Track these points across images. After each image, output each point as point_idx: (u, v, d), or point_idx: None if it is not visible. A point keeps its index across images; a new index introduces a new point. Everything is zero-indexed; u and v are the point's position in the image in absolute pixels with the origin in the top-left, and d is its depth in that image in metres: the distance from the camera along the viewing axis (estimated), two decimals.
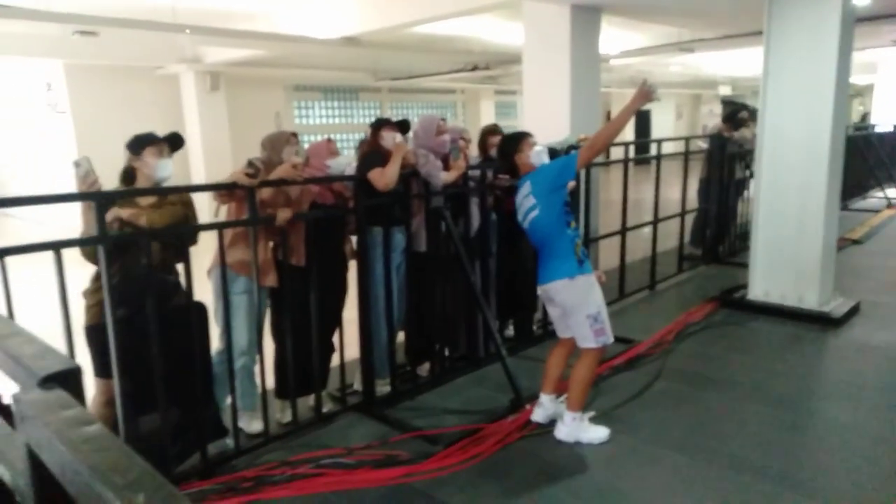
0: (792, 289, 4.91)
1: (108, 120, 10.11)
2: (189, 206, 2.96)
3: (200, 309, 2.82)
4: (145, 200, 2.79)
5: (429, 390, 3.79)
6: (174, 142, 2.95)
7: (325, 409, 3.44)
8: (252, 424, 3.24)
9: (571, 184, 3.07)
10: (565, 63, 5.57)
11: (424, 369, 3.95)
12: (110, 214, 2.58)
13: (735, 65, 15.87)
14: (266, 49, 9.00)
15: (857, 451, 3.01)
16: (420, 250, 3.73)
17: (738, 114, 6.92)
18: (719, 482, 2.76)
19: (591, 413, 3.30)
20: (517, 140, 3.23)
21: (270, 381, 3.24)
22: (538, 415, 3.27)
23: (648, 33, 9.75)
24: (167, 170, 2.85)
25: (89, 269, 2.67)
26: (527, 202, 3.07)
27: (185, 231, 2.87)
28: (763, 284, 5.09)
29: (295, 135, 3.30)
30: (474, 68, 11.64)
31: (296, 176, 2.99)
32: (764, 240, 5.04)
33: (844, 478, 2.77)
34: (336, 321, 3.42)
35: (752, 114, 7.12)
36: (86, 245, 2.50)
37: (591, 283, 3.03)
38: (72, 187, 2.65)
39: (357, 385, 3.70)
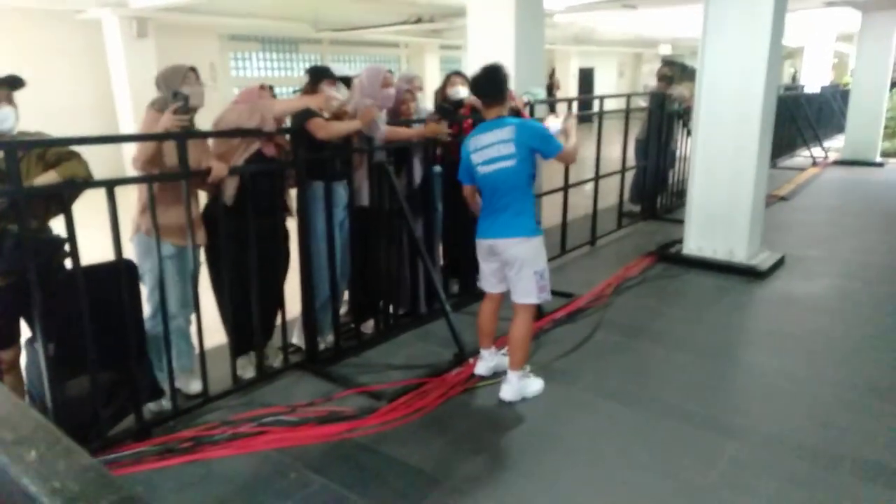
0: (723, 243, 5.11)
1: (20, 70, 9.36)
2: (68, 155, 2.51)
3: (130, 268, 2.68)
4: None
5: (373, 347, 3.78)
6: (12, 84, 2.45)
7: (274, 364, 3.39)
8: (190, 385, 3.16)
9: None
10: (510, 18, 5.48)
11: (369, 326, 3.93)
12: None
13: (675, 24, 16.08)
14: None
15: (777, 392, 3.21)
16: (363, 205, 3.66)
17: (685, 70, 7.02)
18: (648, 427, 2.88)
19: (527, 367, 3.36)
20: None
21: (208, 341, 3.14)
22: (481, 368, 3.32)
23: None
24: (8, 122, 2.38)
25: None
26: (501, 149, 2.90)
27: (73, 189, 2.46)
28: (697, 239, 5.27)
29: (193, 69, 2.97)
30: (418, 20, 11.36)
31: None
32: (698, 196, 5.20)
33: (767, 417, 2.95)
34: (278, 277, 3.33)
35: (691, 73, 7.25)
36: None
37: (542, 242, 3.09)
38: None
39: (299, 341, 3.65)
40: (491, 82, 2.98)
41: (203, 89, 2.96)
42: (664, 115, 6.69)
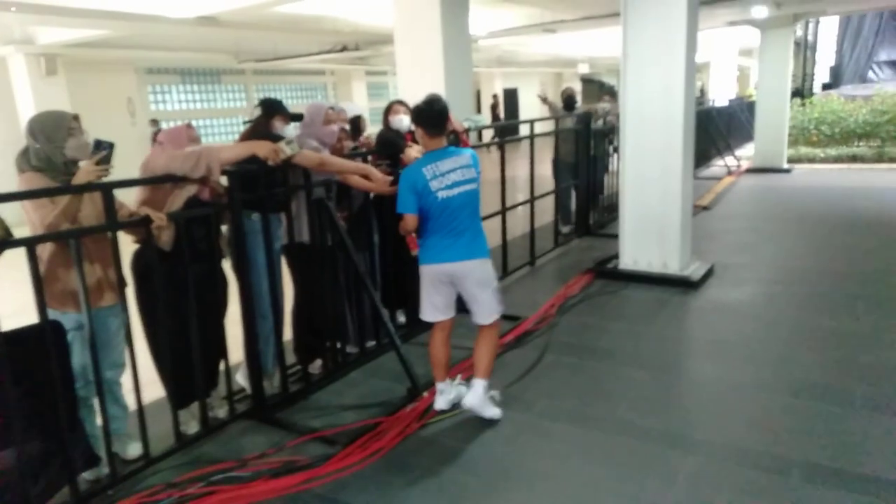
0: (657, 256, 5.30)
1: None
2: None
3: (56, 329, 2.49)
4: None
5: (323, 388, 3.67)
6: None
7: (219, 415, 3.23)
8: (128, 448, 2.94)
9: None
10: (437, 44, 5.56)
11: (316, 366, 3.81)
12: None
13: (592, 45, 16.78)
14: (111, 29, 8.16)
15: (724, 402, 3.33)
16: (303, 241, 3.57)
17: (603, 87, 7.31)
18: (609, 447, 2.92)
19: (495, 392, 3.35)
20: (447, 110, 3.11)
21: (144, 397, 2.95)
22: (441, 402, 3.27)
23: (513, 14, 10.00)
24: None
25: None
26: (464, 173, 3.05)
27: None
28: (632, 253, 5.45)
29: (75, 116, 2.69)
30: (343, 49, 11.35)
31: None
32: (630, 211, 5.38)
33: (717, 428, 3.04)
34: (219, 321, 3.18)
35: (609, 90, 7.58)
36: None
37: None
38: None
39: (243, 383, 3.48)
40: (437, 113, 3.04)
41: (87, 140, 2.68)
42: (591, 133, 6.92)
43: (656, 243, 5.29)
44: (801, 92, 16.20)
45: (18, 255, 2.35)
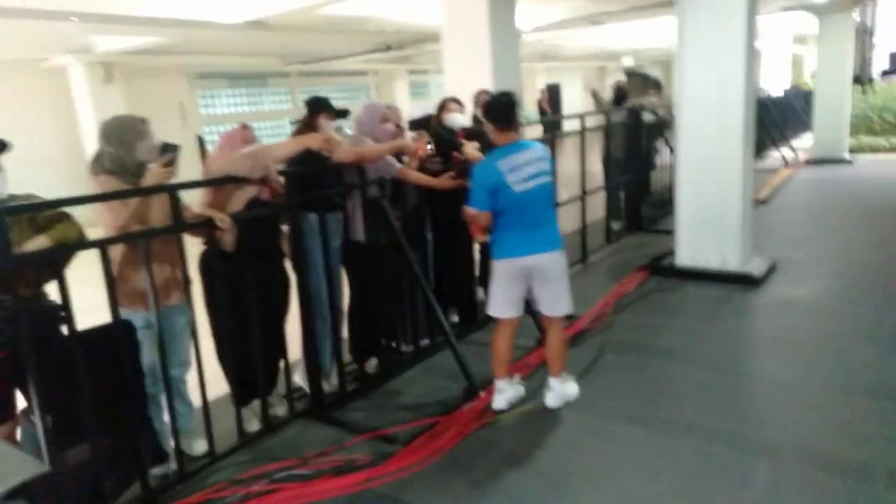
0: (715, 252, 5.13)
1: None
2: (59, 217, 2.41)
3: (127, 328, 2.56)
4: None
5: (379, 387, 3.67)
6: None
7: (279, 413, 3.27)
8: (193, 445, 3.00)
9: None
10: (485, 39, 5.54)
11: (372, 365, 3.82)
12: None
13: (636, 36, 16.41)
14: (165, 36, 8.40)
15: (795, 403, 3.18)
16: (358, 240, 3.58)
17: (648, 81, 7.12)
18: (675, 450, 2.82)
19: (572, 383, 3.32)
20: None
21: (211, 396, 3.00)
22: (500, 401, 3.24)
23: (558, 7, 9.85)
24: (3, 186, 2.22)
25: None
26: (540, 165, 3.05)
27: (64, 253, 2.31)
28: (688, 250, 5.28)
29: (143, 120, 2.73)
30: (388, 48, 11.40)
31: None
32: (686, 206, 5.22)
33: (791, 431, 2.91)
34: (280, 321, 3.22)
35: (654, 83, 7.37)
36: None
37: None
38: None
39: (301, 382, 3.51)
40: (510, 108, 3.04)
41: (155, 143, 2.72)
42: (642, 128, 6.75)
43: (715, 238, 5.11)
44: (860, 79, 15.50)
45: (89, 255, 2.42)
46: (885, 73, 18.33)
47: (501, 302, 3.16)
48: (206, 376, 2.87)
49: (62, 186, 2.53)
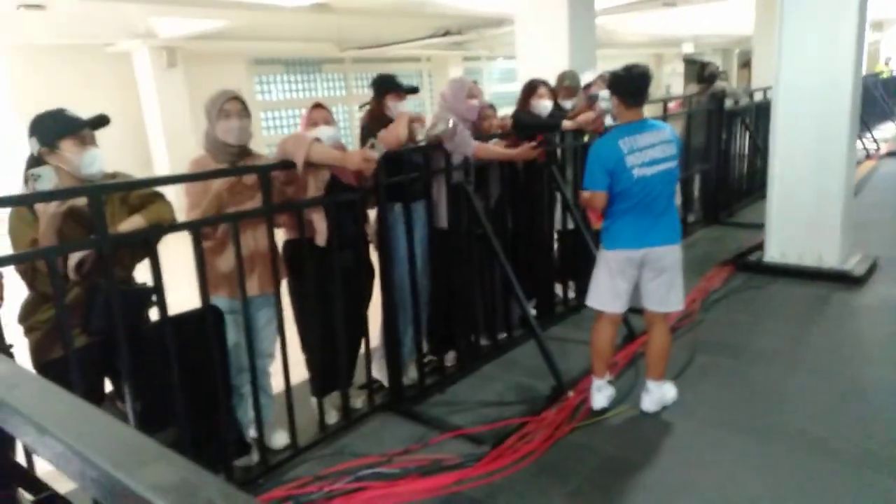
0: (810, 248, 4.76)
1: (57, 105, 9.33)
2: (152, 197, 2.33)
3: (216, 313, 2.45)
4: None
5: (457, 382, 3.51)
6: (97, 124, 2.24)
7: (357, 405, 3.15)
8: (272, 438, 2.89)
9: None
10: (564, 21, 5.27)
11: (450, 358, 3.66)
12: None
13: (699, 22, 15.71)
14: (228, 19, 8.38)
15: None
16: (441, 226, 3.40)
17: (705, 70, 6.57)
18: (791, 464, 2.56)
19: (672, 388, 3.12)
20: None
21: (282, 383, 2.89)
22: (601, 400, 3.05)
23: None
24: (96, 163, 2.17)
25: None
26: (665, 149, 2.79)
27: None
28: (779, 245, 4.93)
29: (236, 97, 2.60)
30: (446, 33, 11.19)
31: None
32: (781, 198, 4.86)
33: None
34: (363, 311, 3.08)
35: (713, 72, 6.80)
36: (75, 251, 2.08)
37: None
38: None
39: (379, 376, 3.37)
40: (639, 80, 2.80)
41: (243, 123, 2.58)
42: (724, 114, 6.37)
43: (810, 234, 4.74)
44: None
45: (172, 239, 2.31)
46: None
47: (610, 294, 2.94)
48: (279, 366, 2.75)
49: (127, 171, 2.41)
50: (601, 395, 3.04)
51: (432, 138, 3.02)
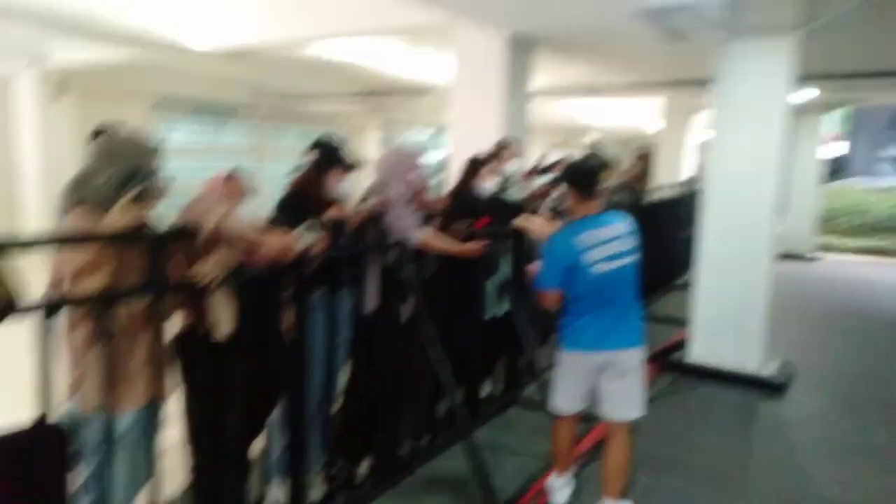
0: (733, 351, 4.71)
1: None
2: None
3: (59, 438, 1.79)
4: None
5: (374, 498, 2.94)
6: None
7: None
8: None
9: None
10: (500, 95, 5.17)
11: (363, 468, 3.09)
12: None
13: (609, 113, 16.54)
14: (132, 54, 7.65)
15: None
16: (367, 311, 2.91)
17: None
18: None
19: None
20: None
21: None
22: (563, 496, 2.91)
23: (564, 73, 9.51)
24: None
25: None
26: (625, 243, 2.61)
27: None
28: (703, 345, 4.85)
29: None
30: (371, 93, 11.02)
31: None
32: (707, 298, 4.82)
33: None
34: (263, 422, 2.50)
35: (608, 164, 6.74)
36: None
37: None
38: None
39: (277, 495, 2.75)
40: (596, 174, 2.61)
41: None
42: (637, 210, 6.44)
43: (732, 337, 4.71)
44: None
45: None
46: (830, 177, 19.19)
47: (568, 396, 2.75)
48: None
49: None
50: (562, 493, 2.92)
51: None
